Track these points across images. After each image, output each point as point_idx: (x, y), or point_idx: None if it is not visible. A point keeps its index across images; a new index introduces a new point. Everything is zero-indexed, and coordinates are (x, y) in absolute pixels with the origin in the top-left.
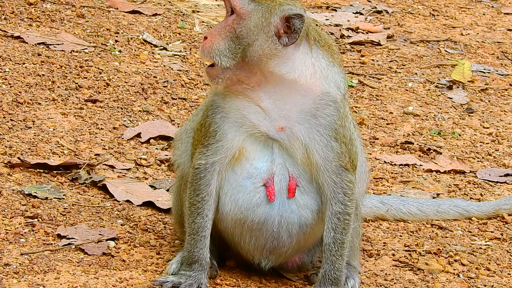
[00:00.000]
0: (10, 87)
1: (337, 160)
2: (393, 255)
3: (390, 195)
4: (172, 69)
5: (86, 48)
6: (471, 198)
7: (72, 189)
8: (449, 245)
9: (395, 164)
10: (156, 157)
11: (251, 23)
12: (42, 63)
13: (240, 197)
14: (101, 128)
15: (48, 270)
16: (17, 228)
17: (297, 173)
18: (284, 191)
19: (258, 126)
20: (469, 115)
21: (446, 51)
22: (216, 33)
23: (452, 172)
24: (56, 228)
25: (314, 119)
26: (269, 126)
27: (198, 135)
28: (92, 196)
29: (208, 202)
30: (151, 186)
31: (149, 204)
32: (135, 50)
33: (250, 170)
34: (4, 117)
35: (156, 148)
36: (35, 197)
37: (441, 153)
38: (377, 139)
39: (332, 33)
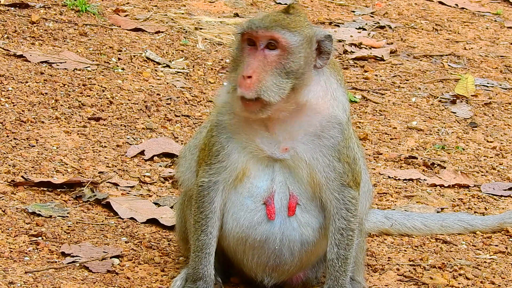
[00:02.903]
0: (13, 105)
1: (339, 179)
2: (398, 269)
3: (394, 210)
4: (175, 86)
5: (89, 66)
6: (475, 212)
7: (76, 207)
8: (454, 259)
9: (399, 179)
10: (159, 175)
11: (301, 57)
12: (45, 81)
13: (242, 215)
14: (105, 146)
15: None
16: (21, 246)
17: (297, 191)
18: (284, 209)
19: (263, 149)
20: (472, 129)
21: (449, 65)
22: (261, 71)
23: (456, 186)
24: (60, 246)
25: (318, 139)
26: (274, 149)
27: (203, 153)
28: (96, 213)
29: (212, 219)
30: (155, 203)
31: (153, 221)
32: (138, 68)
33: (251, 189)
34: (7, 136)
35: (159, 166)
36: (39, 215)
37: (445, 168)
38: (381, 154)
39: (335, 49)
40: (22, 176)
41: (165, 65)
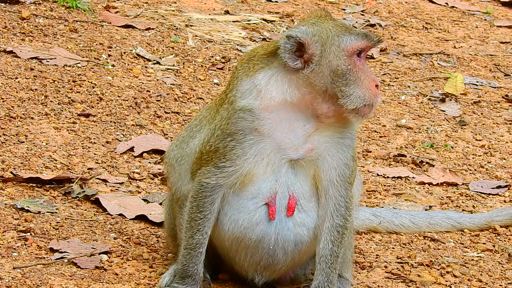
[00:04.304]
0: (3, 101)
1: (349, 176)
2: (386, 267)
3: (382, 207)
4: (165, 83)
5: (79, 63)
6: (463, 210)
7: (65, 203)
8: (442, 257)
9: (388, 177)
10: (149, 171)
11: None
12: (35, 77)
13: (241, 217)
14: (94, 142)
15: (40, 284)
16: (10, 242)
17: (297, 191)
18: (283, 210)
19: (286, 150)
20: (461, 128)
21: (439, 64)
22: None
23: (444, 184)
24: (48, 242)
25: (341, 139)
26: (297, 149)
27: (209, 155)
28: (85, 210)
29: (210, 220)
30: (144, 200)
31: (142, 218)
32: (128, 64)
33: (253, 191)
34: None
35: (149, 162)
36: (27, 211)
37: (433, 166)
38: (370, 152)
39: None
40: (11, 172)
41: (155, 62)
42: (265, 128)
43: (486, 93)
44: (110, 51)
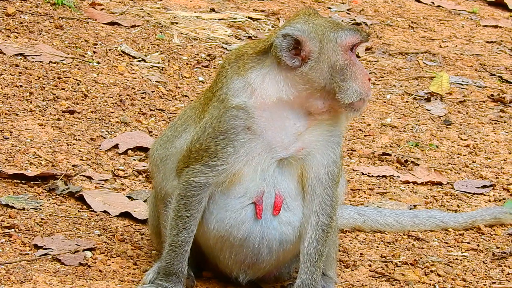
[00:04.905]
0: None
1: (337, 175)
2: (370, 265)
3: (367, 206)
4: (150, 80)
5: (64, 59)
6: (448, 209)
7: (49, 199)
8: (426, 256)
9: (372, 176)
10: (133, 168)
11: None
12: (20, 74)
13: (227, 215)
14: (79, 139)
15: (24, 280)
16: None
17: (283, 190)
18: (269, 209)
19: (275, 148)
20: (446, 127)
21: (424, 63)
22: None
23: (429, 183)
24: (33, 239)
25: (331, 137)
26: (288, 148)
27: (198, 154)
28: (69, 206)
29: (197, 218)
30: (128, 197)
31: (126, 215)
32: (113, 62)
33: (241, 190)
34: None
35: (133, 159)
36: (12, 207)
37: (418, 165)
38: (355, 150)
39: None
40: None
41: (140, 59)
42: (258, 126)
43: (471, 92)
44: (95, 48)
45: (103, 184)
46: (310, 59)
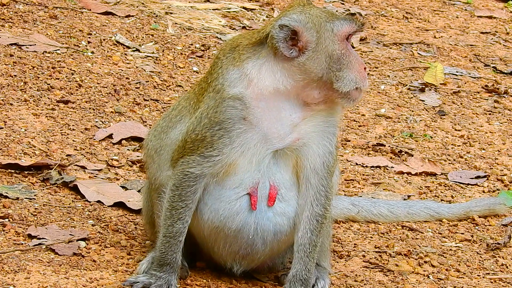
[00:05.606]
0: None
1: (332, 165)
2: (364, 256)
3: (361, 196)
4: (144, 70)
5: (58, 49)
6: (442, 200)
7: (43, 189)
8: (420, 246)
9: (366, 166)
10: (127, 158)
11: None
12: (14, 63)
13: (221, 206)
14: (73, 129)
15: (18, 270)
16: None
17: (278, 181)
18: (264, 199)
19: (271, 139)
20: (441, 118)
21: (419, 53)
22: None
23: (423, 174)
24: (27, 228)
25: (327, 127)
26: (284, 138)
27: (194, 144)
28: (63, 196)
29: (191, 209)
30: (122, 187)
31: (120, 205)
32: (107, 52)
33: (236, 181)
34: None
35: (127, 149)
36: (6, 197)
37: (412, 155)
38: (349, 141)
39: None
40: None
41: (134, 49)
42: (254, 117)
43: (465, 83)
44: (89, 38)
45: (97, 174)
46: (308, 49)
